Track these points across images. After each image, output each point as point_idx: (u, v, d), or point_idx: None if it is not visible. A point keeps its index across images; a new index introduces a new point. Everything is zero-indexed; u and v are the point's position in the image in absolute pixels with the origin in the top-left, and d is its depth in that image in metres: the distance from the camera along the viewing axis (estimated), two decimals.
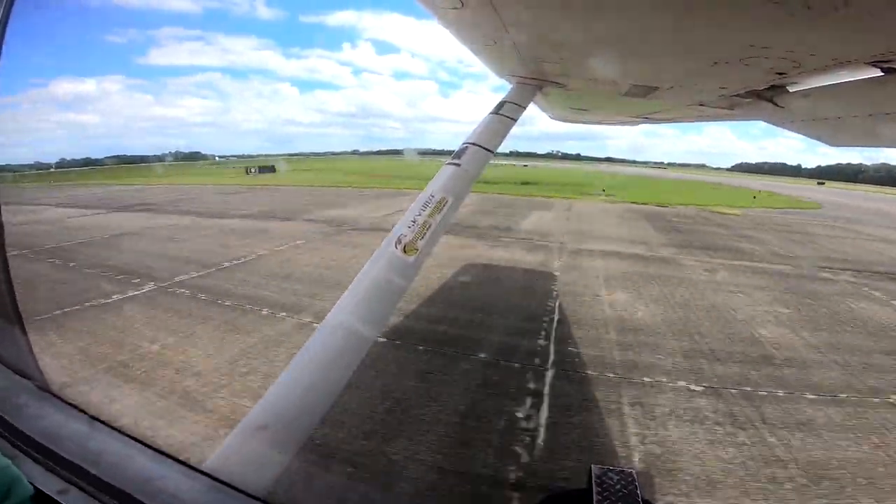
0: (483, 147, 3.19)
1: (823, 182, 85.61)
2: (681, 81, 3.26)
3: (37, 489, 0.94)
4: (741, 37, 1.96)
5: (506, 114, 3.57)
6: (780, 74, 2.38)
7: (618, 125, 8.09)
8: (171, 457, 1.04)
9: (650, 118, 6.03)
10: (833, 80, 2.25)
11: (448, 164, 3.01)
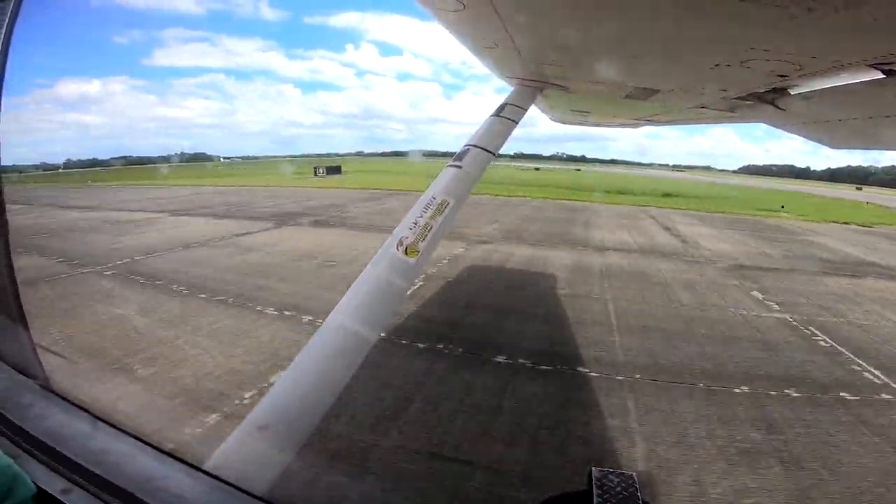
0: (484, 149, 3.19)
1: (861, 187, 76.48)
2: (681, 84, 3.27)
3: (39, 488, 0.94)
4: (741, 39, 1.96)
5: (507, 116, 3.57)
6: (781, 77, 2.38)
7: (619, 127, 8.09)
8: (174, 456, 1.04)
9: (651, 120, 6.04)
10: (834, 83, 2.25)
11: (449, 166, 3.01)
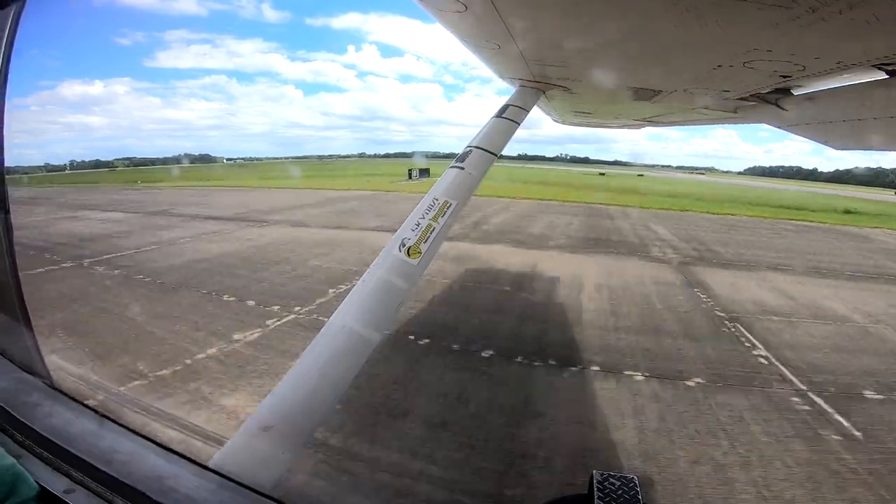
0: (487, 150, 3.19)
1: None
2: (684, 85, 3.26)
3: (42, 488, 0.94)
4: (744, 40, 1.96)
5: (509, 117, 3.57)
6: (784, 77, 2.38)
7: (622, 128, 8.08)
8: (177, 453, 1.05)
9: (654, 121, 6.03)
10: (837, 83, 2.25)
11: (451, 168, 3.01)
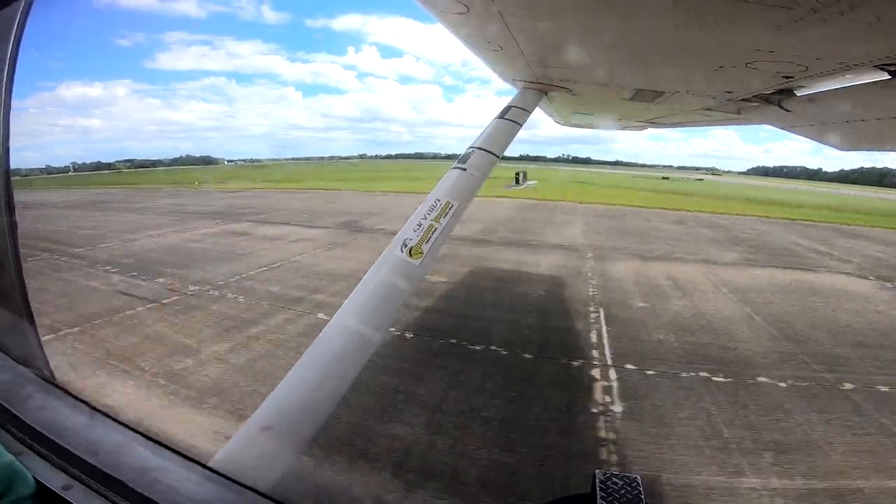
0: (489, 151, 3.19)
1: None
2: (686, 86, 3.26)
3: (40, 484, 0.94)
4: (747, 41, 1.95)
5: (511, 118, 3.57)
6: (787, 78, 2.37)
7: (624, 129, 8.07)
8: (175, 451, 1.05)
9: (657, 122, 6.02)
10: (840, 84, 2.24)
11: (454, 168, 3.01)
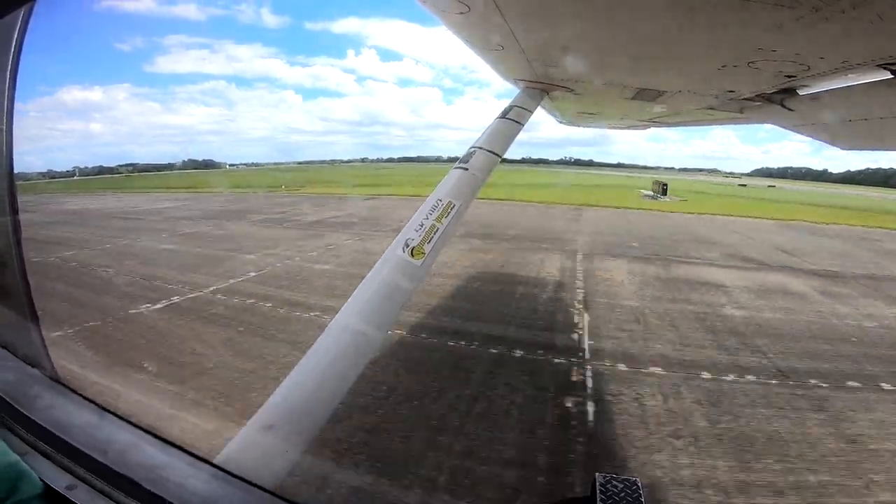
0: (491, 151, 3.19)
1: None
2: (688, 85, 3.25)
3: (46, 485, 0.94)
4: (748, 40, 1.95)
5: (513, 118, 3.57)
6: (790, 77, 2.36)
7: (626, 129, 8.05)
8: (181, 448, 1.05)
9: (659, 122, 6.01)
10: (842, 83, 2.23)
11: (455, 168, 3.01)
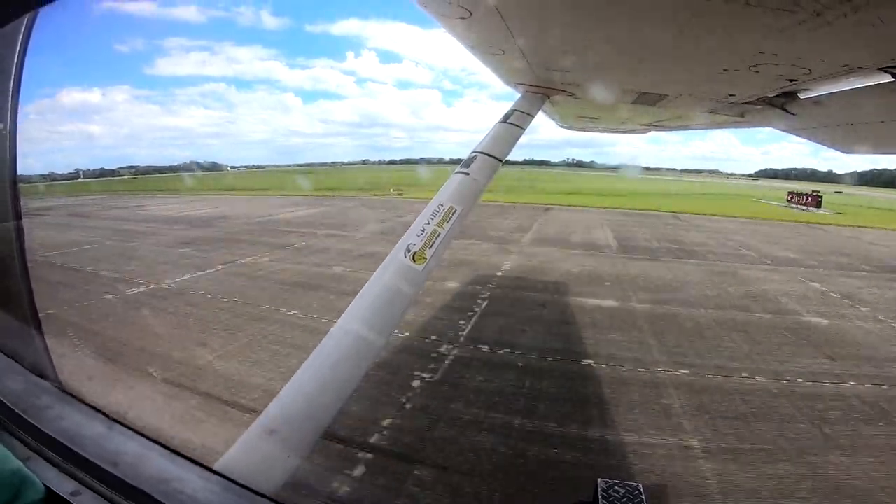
0: (492, 156, 3.20)
1: None
2: (690, 89, 3.25)
3: (49, 491, 0.94)
4: (750, 44, 1.96)
5: (514, 122, 3.57)
6: (791, 81, 2.36)
7: (627, 133, 8.05)
8: (183, 455, 1.05)
9: (660, 125, 6.01)
10: (844, 87, 2.23)
11: (457, 173, 3.02)
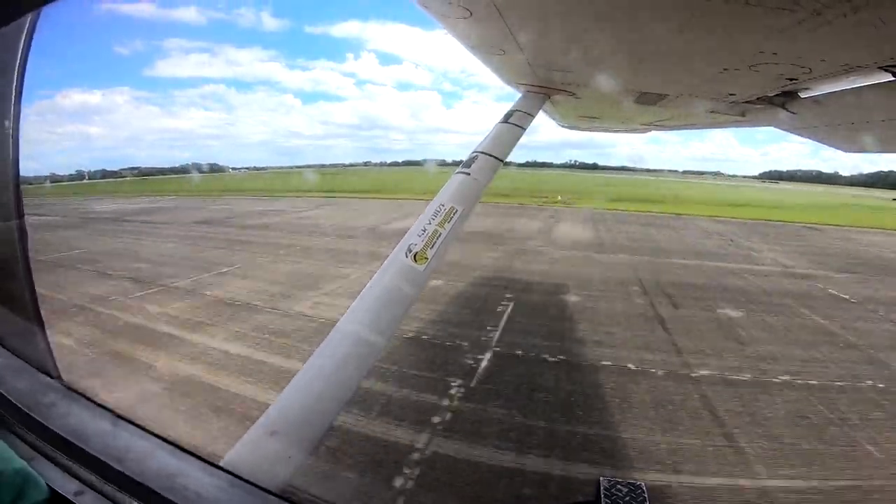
0: (493, 156, 3.20)
1: None
2: (690, 88, 3.25)
3: (53, 491, 0.94)
4: (750, 44, 1.96)
5: (515, 122, 3.58)
6: (791, 80, 2.37)
7: (628, 133, 8.05)
8: (188, 451, 1.06)
9: (660, 125, 6.01)
10: (844, 86, 2.23)
11: (458, 173, 3.02)
